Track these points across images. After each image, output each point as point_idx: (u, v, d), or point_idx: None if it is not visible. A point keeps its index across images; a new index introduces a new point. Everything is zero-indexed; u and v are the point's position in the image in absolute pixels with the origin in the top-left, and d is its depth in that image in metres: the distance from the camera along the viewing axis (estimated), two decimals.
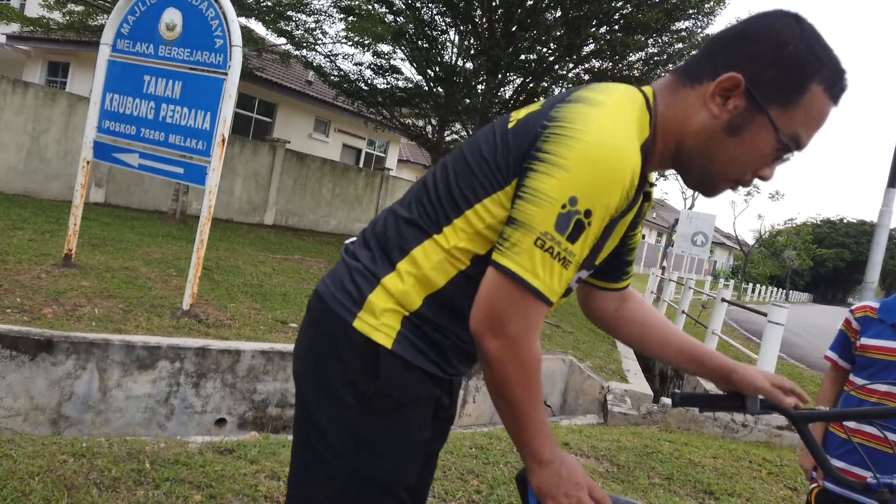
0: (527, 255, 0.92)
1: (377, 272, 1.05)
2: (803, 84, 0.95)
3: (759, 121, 0.97)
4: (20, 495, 2.19)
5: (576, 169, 0.90)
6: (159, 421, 4.10)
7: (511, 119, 1.04)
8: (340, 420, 1.04)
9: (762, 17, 0.99)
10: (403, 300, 1.03)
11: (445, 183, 1.05)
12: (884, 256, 6.67)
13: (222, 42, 4.85)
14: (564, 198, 0.90)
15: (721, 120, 0.99)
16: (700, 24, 11.77)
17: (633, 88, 1.04)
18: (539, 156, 0.93)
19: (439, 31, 12.32)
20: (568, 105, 0.96)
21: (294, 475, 1.12)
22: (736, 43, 0.99)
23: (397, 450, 1.05)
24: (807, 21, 0.98)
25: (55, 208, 8.70)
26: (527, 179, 0.94)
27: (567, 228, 0.91)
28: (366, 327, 1.03)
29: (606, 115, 0.94)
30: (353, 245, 1.15)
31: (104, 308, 4.62)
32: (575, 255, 0.94)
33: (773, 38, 0.96)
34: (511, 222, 0.94)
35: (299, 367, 1.13)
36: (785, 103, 0.96)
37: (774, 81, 0.96)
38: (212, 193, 4.83)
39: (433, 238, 1.03)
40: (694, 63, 1.03)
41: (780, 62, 0.95)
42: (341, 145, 18.66)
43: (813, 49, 0.96)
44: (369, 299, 1.04)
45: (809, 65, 0.95)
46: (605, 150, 0.90)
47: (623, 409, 4.98)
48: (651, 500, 3.11)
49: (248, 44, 10.41)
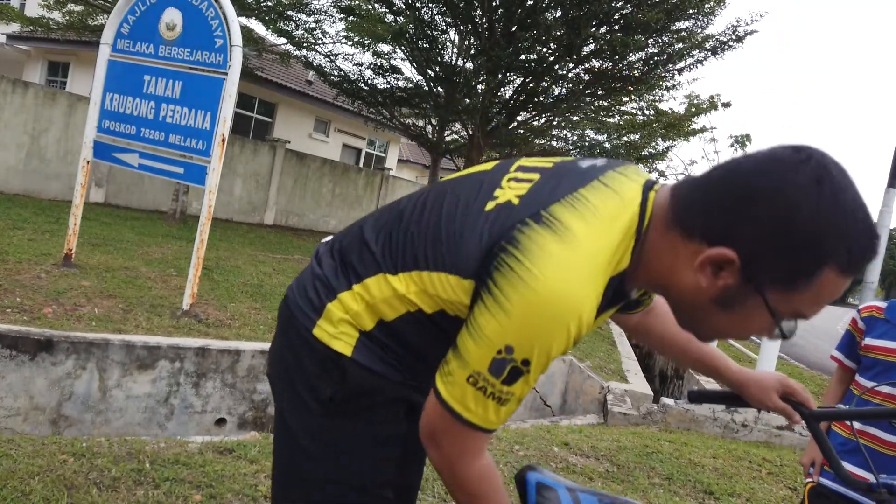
0: (459, 388, 0.89)
1: (336, 287, 1.03)
2: (814, 268, 0.79)
3: (755, 301, 0.84)
4: (20, 495, 2.19)
5: (517, 317, 0.83)
6: (159, 421, 4.10)
7: (495, 194, 0.95)
8: (308, 424, 1.04)
9: (775, 172, 0.79)
10: (357, 319, 1.01)
11: (417, 230, 0.99)
12: (884, 256, 6.66)
13: (222, 42, 4.85)
14: (501, 344, 0.84)
15: (710, 292, 0.86)
16: (700, 24, 11.77)
17: (631, 201, 0.90)
18: (489, 284, 0.86)
19: (439, 31, 12.31)
20: (534, 229, 0.85)
21: (275, 478, 1.13)
22: (737, 205, 0.81)
23: (368, 450, 1.05)
24: (832, 179, 0.78)
25: (55, 208, 8.70)
26: (475, 306, 0.88)
27: (502, 373, 0.86)
28: (324, 335, 1.02)
29: (570, 257, 0.83)
30: (324, 248, 1.13)
31: (104, 308, 4.62)
32: (514, 394, 0.88)
33: (781, 208, 0.78)
34: (453, 348, 0.91)
35: (271, 370, 1.13)
36: (788, 286, 0.81)
37: (777, 262, 0.80)
38: (212, 193, 4.83)
39: (387, 276, 0.99)
40: (688, 207, 0.86)
41: (786, 241, 0.78)
42: (341, 145, 18.66)
43: (832, 223, 0.77)
44: (328, 308, 1.02)
45: (824, 245, 0.77)
46: (551, 301, 0.82)
47: (623, 409, 4.97)
48: (651, 500, 3.11)
49: (249, 44, 10.41)
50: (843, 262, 0.78)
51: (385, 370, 1.02)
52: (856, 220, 0.78)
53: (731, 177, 0.83)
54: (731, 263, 0.82)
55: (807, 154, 0.80)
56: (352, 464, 1.04)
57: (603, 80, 12.20)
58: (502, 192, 0.95)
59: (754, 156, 0.83)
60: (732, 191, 0.82)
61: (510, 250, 0.85)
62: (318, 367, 1.03)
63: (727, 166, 0.85)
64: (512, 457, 3.40)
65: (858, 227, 0.78)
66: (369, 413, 1.04)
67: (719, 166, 0.87)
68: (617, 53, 11.02)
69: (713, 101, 14.53)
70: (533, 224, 0.86)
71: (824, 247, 0.78)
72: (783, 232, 0.78)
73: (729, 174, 0.84)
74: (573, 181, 0.92)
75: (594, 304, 0.85)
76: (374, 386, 1.02)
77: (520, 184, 0.95)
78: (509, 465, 3.28)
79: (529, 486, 1.07)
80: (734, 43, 11.88)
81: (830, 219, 0.77)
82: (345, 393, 1.01)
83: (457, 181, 1.06)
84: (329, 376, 1.02)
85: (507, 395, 0.88)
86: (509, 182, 0.97)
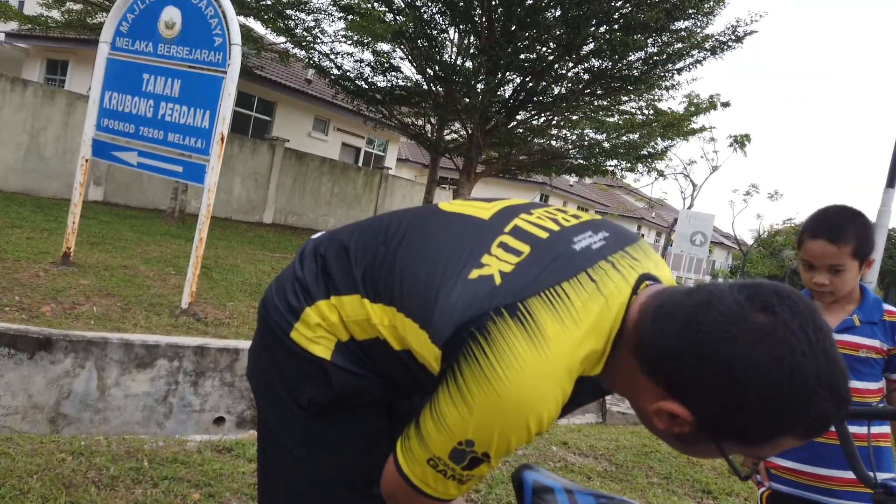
0: (420, 466, 0.88)
1: (314, 293, 1.01)
2: (771, 438, 0.78)
3: (708, 445, 0.83)
4: (18, 493, 2.19)
5: (480, 417, 0.81)
6: (158, 419, 4.10)
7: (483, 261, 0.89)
8: (291, 426, 1.03)
9: (736, 342, 0.74)
10: (332, 329, 1.00)
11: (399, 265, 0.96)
12: (882, 257, 6.67)
13: (221, 40, 4.84)
14: (462, 437, 0.84)
15: (669, 431, 0.85)
16: (700, 24, 11.77)
17: (613, 307, 0.85)
18: (455, 373, 0.83)
19: (439, 30, 12.31)
20: (507, 325, 0.81)
21: (260, 480, 1.11)
22: (696, 367, 0.76)
23: (355, 448, 1.04)
24: (794, 353, 0.73)
25: (54, 206, 8.69)
26: (439, 389, 0.86)
27: (462, 461, 0.86)
28: (302, 339, 1.00)
29: (537, 363, 0.80)
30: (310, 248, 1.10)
31: (103, 306, 4.62)
32: (475, 476, 0.88)
33: (738, 385, 0.74)
34: (416, 425, 0.90)
35: (250, 372, 1.12)
36: (744, 444, 0.80)
37: (732, 429, 0.78)
38: (211, 192, 4.83)
39: (364, 301, 0.97)
40: (651, 346, 0.81)
41: (741, 415, 0.76)
42: (340, 144, 18.64)
43: (791, 402, 0.73)
44: (306, 311, 1.01)
45: (782, 422, 0.75)
46: (513, 405, 0.80)
47: (622, 408, 4.98)
48: (649, 500, 3.12)
49: (248, 42, 10.40)
50: (803, 431, 0.76)
51: (366, 373, 1.01)
52: (819, 390, 0.73)
53: (695, 331, 0.77)
54: (685, 421, 0.80)
55: (772, 324, 0.74)
56: (339, 463, 1.03)
57: (602, 80, 12.20)
58: (490, 261, 0.89)
59: (721, 308, 0.77)
60: (693, 348, 0.77)
61: (479, 340, 0.82)
62: (298, 370, 1.01)
63: (693, 316, 0.78)
64: (510, 456, 3.40)
65: (821, 396, 0.73)
66: (354, 412, 1.03)
67: (685, 307, 0.80)
68: (616, 53, 11.02)
69: (712, 100, 14.54)
70: (507, 317, 0.82)
71: (782, 423, 0.75)
72: (739, 406, 0.75)
73: (692, 326, 0.77)
74: (560, 270, 0.87)
75: (560, 403, 0.84)
76: (357, 387, 1.01)
77: (508, 255, 0.90)
78: (507, 463, 3.28)
79: (526, 486, 1.07)
80: (734, 43, 11.89)
81: (789, 398, 0.73)
82: (329, 395, 1.00)
83: (454, 219, 1.01)
84: (311, 379, 1.00)
85: (467, 477, 0.88)
86: (499, 249, 0.91)
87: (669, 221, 26.33)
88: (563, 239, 0.93)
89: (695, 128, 14.54)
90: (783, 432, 0.76)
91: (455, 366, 0.84)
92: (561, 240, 0.93)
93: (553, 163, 14.24)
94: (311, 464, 1.03)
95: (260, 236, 10.87)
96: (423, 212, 1.06)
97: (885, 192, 6.55)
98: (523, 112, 13.12)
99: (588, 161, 13.87)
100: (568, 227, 0.96)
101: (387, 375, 1.01)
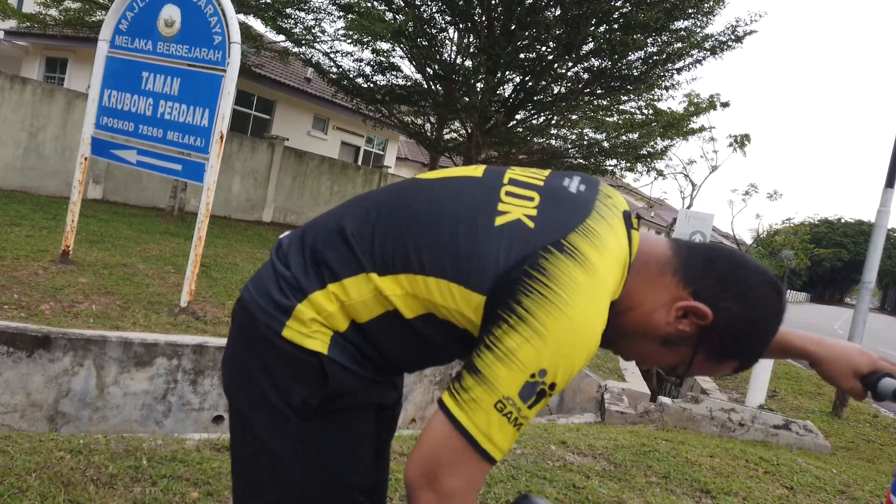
0: (484, 415, 0.87)
1: (306, 287, 0.99)
2: (733, 356, 1.03)
3: (685, 350, 1.02)
4: (17, 492, 2.19)
5: (553, 343, 0.87)
6: (156, 418, 4.10)
7: (500, 209, 0.97)
8: (282, 430, 1.00)
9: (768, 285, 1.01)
10: (329, 320, 0.98)
11: (411, 228, 0.97)
12: (881, 257, 6.67)
13: (221, 39, 4.84)
14: (535, 368, 0.87)
15: (664, 329, 1.01)
16: (699, 24, 11.78)
17: (621, 236, 1.00)
18: (518, 310, 0.88)
19: (438, 29, 12.31)
20: (560, 258, 0.90)
21: (242, 493, 1.07)
22: (735, 287, 0.99)
23: (347, 450, 1.03)
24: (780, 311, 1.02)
25: (53, 205, 8.68)
26: (499, 331, 0.89)
27: (531, 397, 0.88)
28: (296, 336, 0.97)
29: (593, 287, 0.91)
30: (288, 243, 1.07)
31: (102, 305, 4.62)
32: (529, 419, 0.91)
33: (758, 313, 1.00)
34: (474, 372, 0.89)
35: (228, 380, 1.07)
36: (710, 356, 1.02)
37: (724, 340, 1.00)
38: (210, 190, 4.82)
39: (371, 276, 0.96)
40: (693, 266, 1.02)
41: (739, 332, 0.99)
42: (340, 143, 18.64)
43: (765, 342, 1.02)
44: (298, 308, 0.98)
45: (749, 354, 1.03)
46: (585, 329, 0.89)
47: (620, 407, 4.98)
48: (648, 499, 3.12)
49: (247, 41, 10.39)
50: (746, 363, 1.05)
51: (360, 369, 1.00)
52: (767, 343, 1.03)
53: (740, 263, 1.02)
54: (703, 318, 0.98)
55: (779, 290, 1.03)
56: (331, 465, 1.02)
57: (602, 80, 12.21)
58: (507, 208, 0.97)
59: (757, 263, 1.04)
60: (739, 275, 1.00)
61: (538, 277, 0.89)
62: (289, 371, 0.98)
63: (736, 253, 1.05)
64: (509, 455, 3.40)
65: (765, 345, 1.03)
66: (347, 414, 1.02)
67: (726, 248, 1.06)
68: (616, 52, 11.02)
69: (712, 100, 14.56)
70: (557, 253, 0.91)
71: (748, 354, 1.03)
72: (743, 327, 0.99)
73: (740, 260, 1.03)
74: (579, 210, 0.98)
75: (603, 328, 0.93)
76: (352, 384, 0.99)
77: (522, 201, 0.99)
78: (506, 463, 3.28)
79: None
80: (733, 43, 11.90)
81: (766, 339, 1.02)
82: (323, 394, 0.98)
83: (445, 182, 1.05)
84: (303, 379, 0.98)
85: (525, 420, 0.90)
86: (509, 197, 0.99)
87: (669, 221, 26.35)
88: (557, 186, 1.03)
89: (694, 128, 14.56)
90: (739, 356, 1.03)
91: (514, 304, 0.89)
92: (556, 187, 1.03)
93: (553, 162, 14.25)
94: (303, 468, 1.01)
95: (259, 235, 10.87)
96: (408, 184, 1.08)
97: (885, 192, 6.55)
98: (523, 111, 13.12)
99: (587, 160, 13.89)
100: (550, 176, 1.07)
101: (385, 359, 1.01)
